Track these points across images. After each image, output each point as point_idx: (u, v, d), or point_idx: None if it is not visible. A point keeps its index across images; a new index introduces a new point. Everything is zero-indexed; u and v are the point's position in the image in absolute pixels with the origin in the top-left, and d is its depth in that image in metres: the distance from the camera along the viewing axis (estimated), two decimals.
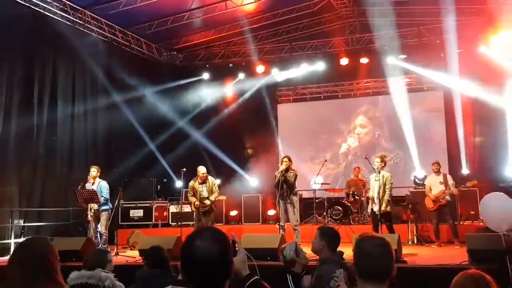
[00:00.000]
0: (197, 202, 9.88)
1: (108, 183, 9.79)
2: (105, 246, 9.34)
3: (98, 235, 9.55)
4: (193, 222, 10.48)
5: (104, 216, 9.54)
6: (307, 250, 5.09)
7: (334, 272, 3.90)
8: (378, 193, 9.04)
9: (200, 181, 9.93)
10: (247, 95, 15.62)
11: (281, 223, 9.11)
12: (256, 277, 2.29)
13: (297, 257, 4.88)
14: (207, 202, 9.80)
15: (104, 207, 9.55)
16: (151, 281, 4.05)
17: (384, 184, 9.10)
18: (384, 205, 9.00)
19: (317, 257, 4.69)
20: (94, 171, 9.73)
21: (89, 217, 9.58)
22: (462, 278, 2.40)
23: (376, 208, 9.06)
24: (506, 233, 6.26)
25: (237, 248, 2.21)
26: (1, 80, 10.24)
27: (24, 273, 2.39)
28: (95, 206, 9.49)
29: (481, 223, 11.25)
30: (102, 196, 9.50)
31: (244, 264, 2.28)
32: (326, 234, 4.64)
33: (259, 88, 15.51)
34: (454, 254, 8.13)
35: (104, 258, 4.19)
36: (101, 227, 9.50)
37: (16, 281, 2.37)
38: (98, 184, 9.62)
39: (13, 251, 2.60)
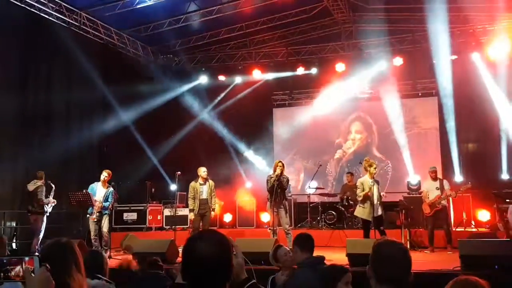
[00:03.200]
0: (191, 214, 9.94)
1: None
2: (107, 248, 9.36)
3: (98, 238, 9.54)
4: (187, 226, 10.46)
5: (107, 219, 9.60)
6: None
7: (307, 278, 3.89)
8: (378, 198, 9.06)
9: (201, 182, 9.93)
10: (243, 98, 15.65)
11: (273, 228, 9.13)
12: (254, 280, 2.31)
13: (274, 257, 4.91)
14: (213, 213, 10.00)
15: (106, 211, 9.61)
16: (145, 285, 4.03)
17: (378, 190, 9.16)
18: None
19: None
20: (105, 175, 9.71)
21: (93, 218, 9.51)
22: (456, 284, 2.40)
23: (376, 213, 9.04)
24: None
25: (234, 252, 2.22)
26: None
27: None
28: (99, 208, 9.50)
29: (473, 228, 11.34)
30: (108, 202, 9.58)
31: (242, 267, 2.30)
32: (297, 238, 4.69)
33: (255, 92, 15.56)
34: (447, 260, 8.15)
35: (101, 260, 4.14)
36: (104, 229, 9.50)
37: None
38: (108, 189, 9.68)
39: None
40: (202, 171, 10.02)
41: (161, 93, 14.56)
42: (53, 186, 10.07)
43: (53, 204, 10.08)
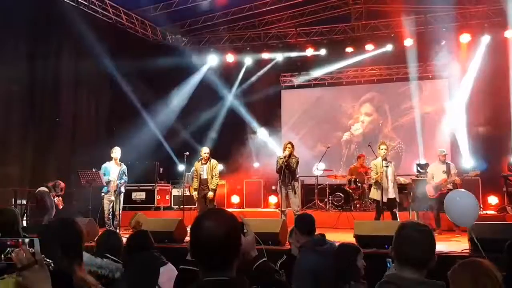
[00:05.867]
0: (195, 194, 9.89)
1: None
2: (118, 227, 9.41)
3: (112, 217, 9.62)
4: (195, 206, 10.53)
5: (121, 198, 9.69)
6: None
7: (310, 260, 3.91)
8: (391, 180, 9.11)
9: (203, 162, 9.92)
10: (251, 80, 15.60)
11: (282, 208, 9.18)
12: (264, 259, 2.32)
13: (289, 237, 4.94)
14: (210, 194, 9.71)
15: (123, 189, 9.72)
16: (142, 264, 3.94)
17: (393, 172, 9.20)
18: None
19: None
20: (117, 153, 9.76)
21: (112, 197, 9.60)
22: (461, 267, 2.40)
23: (390, 195, 9.09)
24: None
25: (245, 230, 2.23)
26: (5, 62, 10.18)
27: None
28: (115, 187, 9.57)
29: (482, 212, 11.30)
30: (123, 179, 9.65)
31: (253, 245, 2.31)
32: (296, 221, 4.70)
33: (264, 73, 15.50)
34: (455, 242, 8.17)
35: (118, 242, 4.04)
36: (118, 209, 9.56)
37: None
38: (121, 167, 9.71)
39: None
40: (203, 152, 9.94)
41: (169, 72, 14.44)
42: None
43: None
